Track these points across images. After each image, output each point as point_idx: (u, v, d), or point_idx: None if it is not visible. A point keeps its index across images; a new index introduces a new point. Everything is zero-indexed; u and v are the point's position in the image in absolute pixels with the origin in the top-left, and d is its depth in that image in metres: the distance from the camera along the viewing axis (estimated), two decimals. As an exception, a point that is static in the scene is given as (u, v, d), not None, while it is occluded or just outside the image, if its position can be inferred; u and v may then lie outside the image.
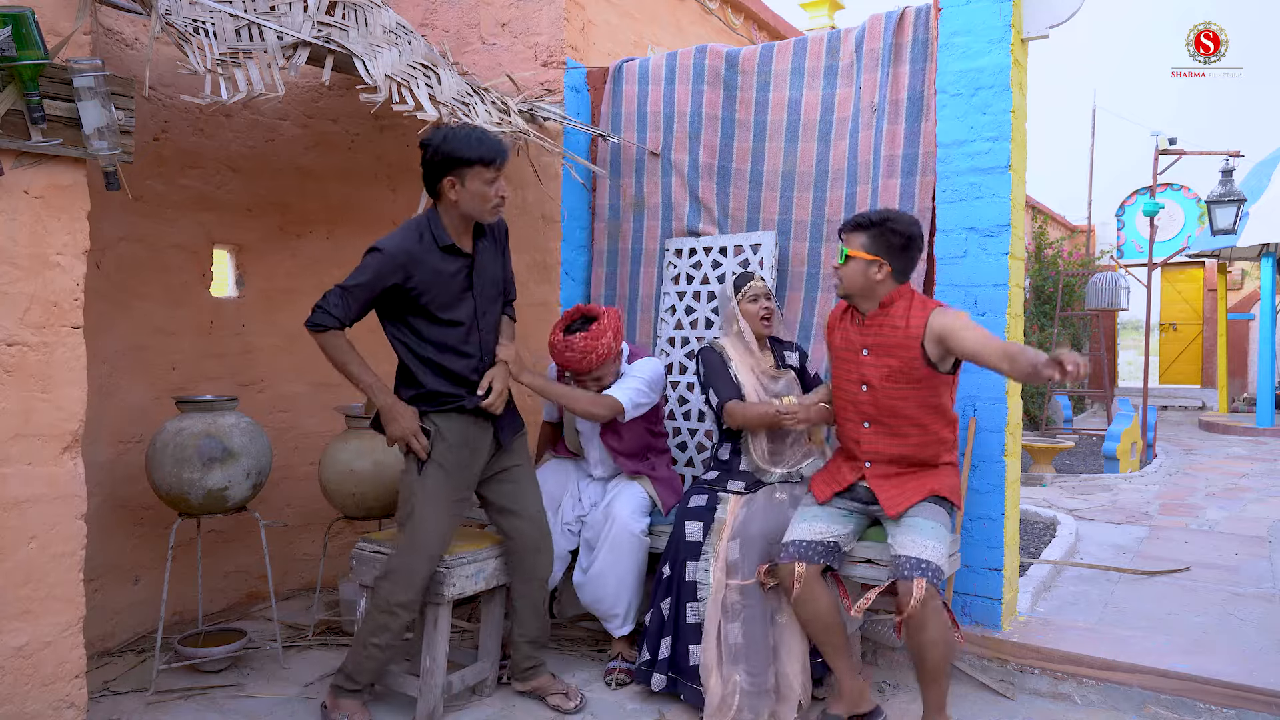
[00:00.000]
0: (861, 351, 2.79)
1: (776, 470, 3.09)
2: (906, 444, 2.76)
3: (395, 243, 2.67)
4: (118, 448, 3.52)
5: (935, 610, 2.51)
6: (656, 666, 2.97)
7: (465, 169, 2.64)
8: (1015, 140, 3.19)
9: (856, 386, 2.81)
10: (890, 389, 2.73)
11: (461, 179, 2.65)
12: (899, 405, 2.73)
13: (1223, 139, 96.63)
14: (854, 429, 2.84)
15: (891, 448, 2.77)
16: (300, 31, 2.87)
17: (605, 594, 3.16)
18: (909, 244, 2.73)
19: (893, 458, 2.78)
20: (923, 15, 3.37)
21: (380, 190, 4.40)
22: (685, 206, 3.93)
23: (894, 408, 2.74)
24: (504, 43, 4.26)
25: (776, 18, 6.53)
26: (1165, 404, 14.14)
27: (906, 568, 2.53)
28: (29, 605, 2.38)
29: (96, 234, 2.73)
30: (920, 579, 2.49)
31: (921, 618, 2.48)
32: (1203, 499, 6.64)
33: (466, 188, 2.66)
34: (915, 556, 2.54)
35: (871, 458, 2.80)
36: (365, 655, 2.77)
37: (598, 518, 3.22)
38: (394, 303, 2.74)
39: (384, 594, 2.74)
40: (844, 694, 2.76)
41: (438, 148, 2.65)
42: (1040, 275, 11.47)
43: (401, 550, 2.77)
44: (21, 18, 2.19)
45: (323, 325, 2.68)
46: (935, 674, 2.57)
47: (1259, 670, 2.91)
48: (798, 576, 2.65)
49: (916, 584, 2.48)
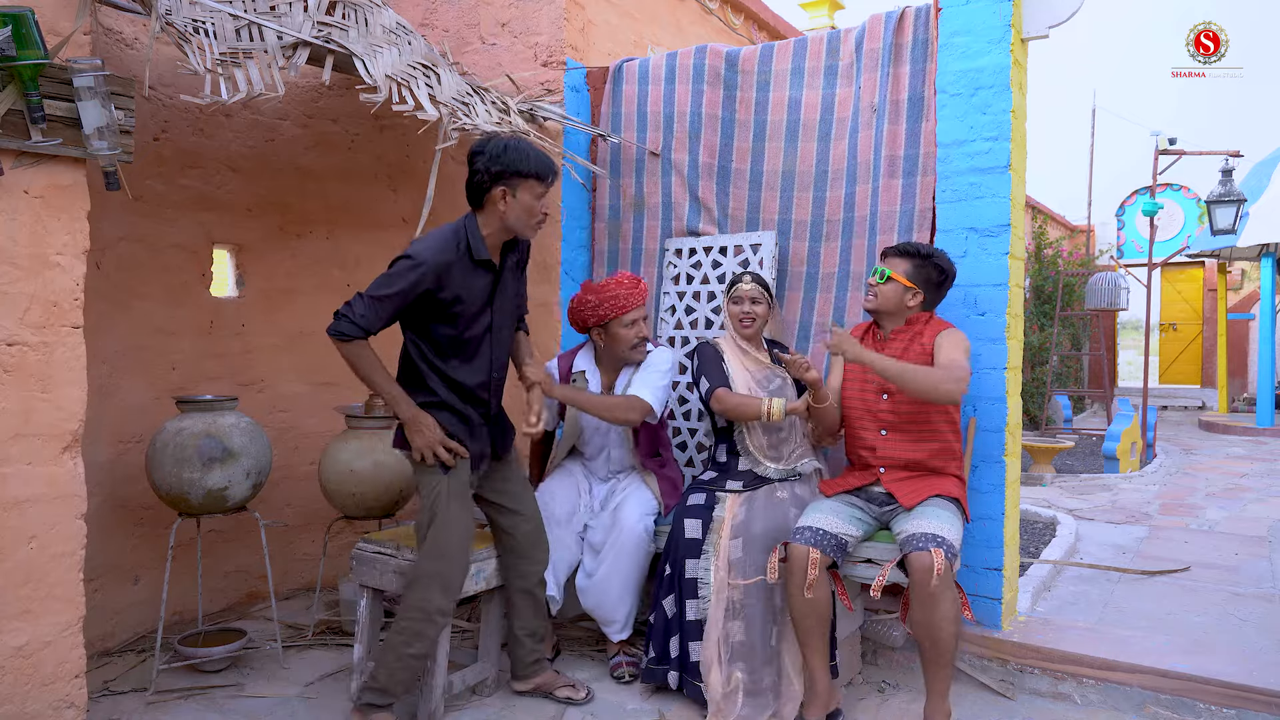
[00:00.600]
0: None
1: (773, 465, 3.10)
2: (921, 450, 2.87)
3: (433, 252, 2.60)
4: (118, 448, 3.52)
5: (949, 586, 2.53)
6: (670, 664, 2.99)
7: (520, 181, 2.63)
8: (1015, 140, 3.19)
9: (876, 396, 2.93)
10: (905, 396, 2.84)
11: (514, 190, 2.64)
12: (918, 413, 2.85)
13: (1223, 139, 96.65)
14: (871, 437, 2.94)
15: (908, 453, 2.88)
16: (300, 31, 2.87)
17: (608, 600, 3.16)
18: (944, 281, 2.96)
19: (908, 462, 2.88)
20: (923, 15, 3.37)
21: (380, 190, 4.40)
22: (685, 206, 3.93)
23: (913, 415, 2.86)
24: (504, 43, 4.26)
25: (776, 18, 6.53)
26: (1165, 404, 14.14)
27: (921, 541, 2.56)
28: (29, 605, 2.38)
29: (96, 234, 2.73)
30: (936, 548, 2.51)
31: (937, 592, 2.49)
32: (1203, 499, 6.64)
33: (518, 199, 2.65)
34: (930, 532, 2.58)
35: (887, 463, 2.90)
36: (401, 666, 2.66)
37: (604, 521, 3.22)
38: (420, 310, 2.68)
39: (418, 602, 2.66)
40: (819, 694, 2.78)
41: (496, 157, 2.62)
42: (1040, 275, 11.47)
43: (430, 556, 2.68)
44: (21, 18, 2.19)
45: (347, 335, 2.59)
46: (944, 656, 2.57)
47: (1259, 670, 2.91)
48: (812, 563, 2.66)
49: (935, 553, 2.50)
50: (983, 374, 3.22)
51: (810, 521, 2.78)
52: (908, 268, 2.91)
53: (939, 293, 2.97)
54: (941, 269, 2.93)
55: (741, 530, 2.92)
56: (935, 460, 2.88)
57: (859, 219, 3.49)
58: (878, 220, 3.41)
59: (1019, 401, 3.36)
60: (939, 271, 2.93)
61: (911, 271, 2.91)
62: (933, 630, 2.54)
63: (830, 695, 2.80)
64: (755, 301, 3.19)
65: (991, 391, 3.22)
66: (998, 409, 3.21)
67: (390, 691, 2.69)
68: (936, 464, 2.88)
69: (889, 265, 2.93)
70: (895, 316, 2.95)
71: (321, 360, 4.27)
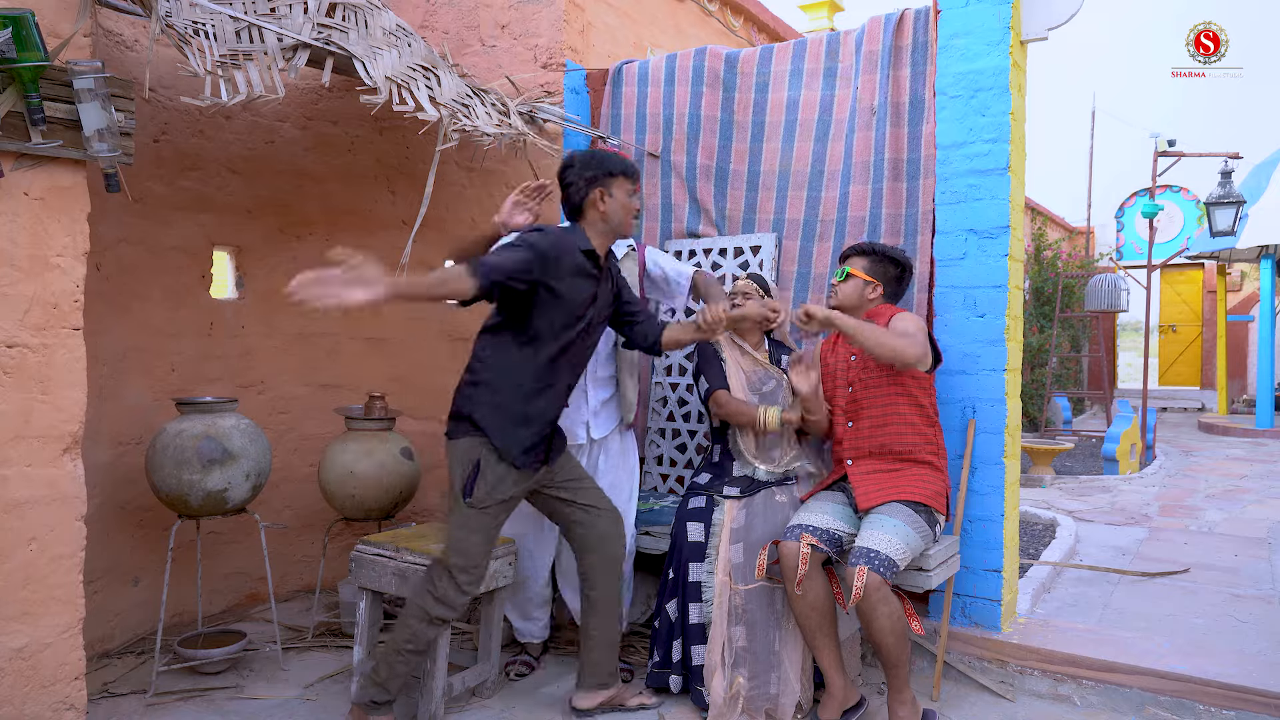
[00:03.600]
0: (850, 357, 3.04)
1: (764, 467, 3.11)
2: (884, 434, 2.93)
3: (548, 243, 2.62)
4: (117, 449, 3.51)
5: (882, 599, 2.58)
6: (672, 668, 2.99)
7: (612, 180, 2.78)
8: (1014, 142, 3.20)
9: (844, 390, 3.03)
10: (869, 380, 2.96)
11: (609, 189, 2.78)
12: (876, 396, 2.95)
13: (1222, 140, 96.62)
14: (840, 431, 3.03)
15: (870, 440, 2.95)
16: (300, 33, 2.87)
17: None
18: (903, 274, 3.07)
19: (871, 450, 2.94)
20: (922, 17, 3.37)
21: (380, 192, 4.40)
22: (685, 209, 3.94)
23: (872, 399, 2.96)
24: (504, 45, 4.26)
25: (776, 20, 6.53)
26: (1165, 405, 14.13)
27: (855, 556, 2.63)
28: (29, 607, 2.38)
29: (96, 236, 2.73)
30: (862, 566, 2.57)
31: (868, 606, 2.57)
32: (1202, 500, 6.64)
33: (615, 197, 2.79)
34: (865, 546, 2.64)
35: (853, 454, 2.97)
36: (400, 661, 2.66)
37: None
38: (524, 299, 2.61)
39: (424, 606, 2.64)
40: (834, 692, 2.79)
41: (586, 164, 2.78)
42: (1039, 277, 11.48)
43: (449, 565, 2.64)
44: (22, 19, 2.20)
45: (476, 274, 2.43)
46: (890, 659, 2.67)
47: (1258, 672, 2.91)
48: (803, 557, 2.68)
49: (857, 571, 2.57)
50: (982, 376, 3.22)
51: (802, 519, 2.81)
52: (866, 264, 3.03)
53: (900, 286, 3.07)
54: (897, 262, 3.04)
55: (742, 535, 2.92)
56: (899, 441, 2.90)
57: (854, 219, 3.49)
58: (881, 223, 3.41)
59: (1018, 403, 3.37)
60: (895, 265, 3.04)
61: (869, 266, 3.03)
62: (873, 638, 2.65)
63: (846, 693, 2.81)
64: (748, 297, 3.19)
65: (991, 393, 3.22)
66: (997, 411, 3.21)
67: (387, 688, 2.70)
68: (902, 446, 2.90)
69: (849, 264, 3.06)
70: (856, 311, 3.01)
71: (321, 362, 4.28)
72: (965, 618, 3.28)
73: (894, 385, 2.92)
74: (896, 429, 2.92)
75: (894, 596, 2.63)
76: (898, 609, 2.63)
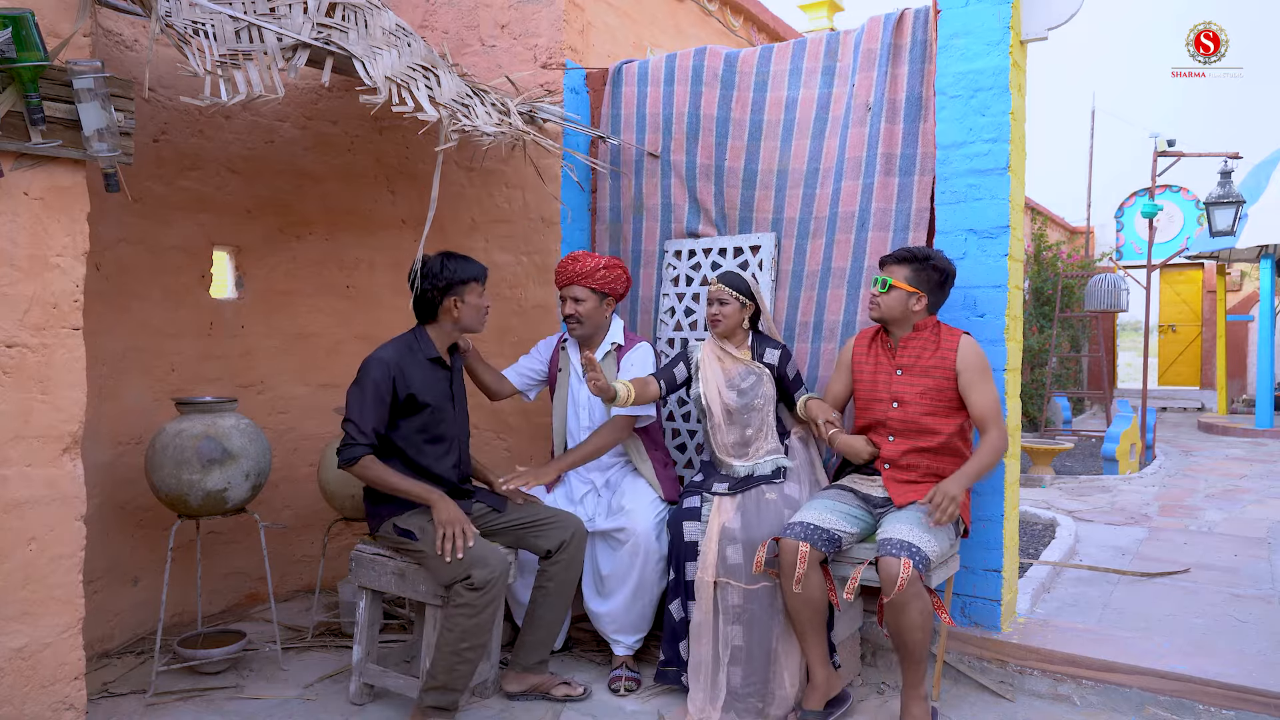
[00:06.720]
0: (895, 372, 2.96)
1: (739, 463, 3.13)
2: (925, 455, 2.90)
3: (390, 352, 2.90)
4: (117, 449, 3.51)
5: (916, 594, 2.57)
6: (679, 665, 3.02)
7: (464, 287, 2.97)
8: (1014, 142, 3.20)
9: (887, 404, 2.96)
10: (923, 404, 2.90)
11: (462, 297, 2.97)
12: (928, 421, 2.89)
13: (1222, 139, 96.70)
14: (878, 442, 2.98)
15: (911, 457, 2.91)
16: (300, 33, 2.87)
17: (626, 624, 3.20)
18: (945, 281, 2.95)
19: (911, 464, 2.91)
20: (921, 17, 3.37)
21: (379, 192, 4.40)
22: (684, 208, 3.94)
23: (922, 423, 2.89)
24: (503, 44, 4.26)
25: (776, 19, 6.53)
26: (1164, 405, 14.14)
27: (893, 547, 2.60)
28: (28, 607, 2.38)
29: (96, 236, 2.73)
30: (905, 558, 2.55)
31: (901, 600, 2.55)
32: (1202, 500, 6.64)
33: (467, 302, 2.99)
34: (902, 539, 2.62)
35: (891, 461, 2.94)
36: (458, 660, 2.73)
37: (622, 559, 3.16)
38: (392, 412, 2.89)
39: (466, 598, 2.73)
40: (817, 683, 2.81)
41: (439, 275, 2.92)
42: (1039, 277, 11.48)
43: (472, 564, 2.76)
44: (21, 19, 2.20)
45: (357, 456, 2.80)
46: (913, 656, 2.66)
47: (1258, 672, 2.91)
48: (801, 556, 2.69)
49: (903, 563, 2.54)
50: (982, 376, 3.22)
51: (803, 517, 2.81)
52: (908, 273, 2.91)
53: (941, 293, 2.97)
54: (941, 270, 2.93)
55: (739, 535, 2.93)
56: (938, 462, 2.90)
57: (844, 215, 3.48)
58: (870, 217, 3.39)
59: (1018, 403, 3.37)
60: (939, 273, 2.93)
61: (912, 276, 2.91)
62: (901, 634, 2.63)
63: (829, 683, 2.83)
64: (723, 302, 3.20)
65: (991, 393, 3.21)
66: (997, 410, 3.21)
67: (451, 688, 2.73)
68: (939, 466, 2.91)
69: (889, 273, 2.94)
70: (902, 323, 2.96)
71: (321, 362, 4.28)
72: (965, 618, 3.28)
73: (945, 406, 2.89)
74: (937, 449, 2.89)
75: (925, 592, 2.63)
76: (929, 604, 2.63)
